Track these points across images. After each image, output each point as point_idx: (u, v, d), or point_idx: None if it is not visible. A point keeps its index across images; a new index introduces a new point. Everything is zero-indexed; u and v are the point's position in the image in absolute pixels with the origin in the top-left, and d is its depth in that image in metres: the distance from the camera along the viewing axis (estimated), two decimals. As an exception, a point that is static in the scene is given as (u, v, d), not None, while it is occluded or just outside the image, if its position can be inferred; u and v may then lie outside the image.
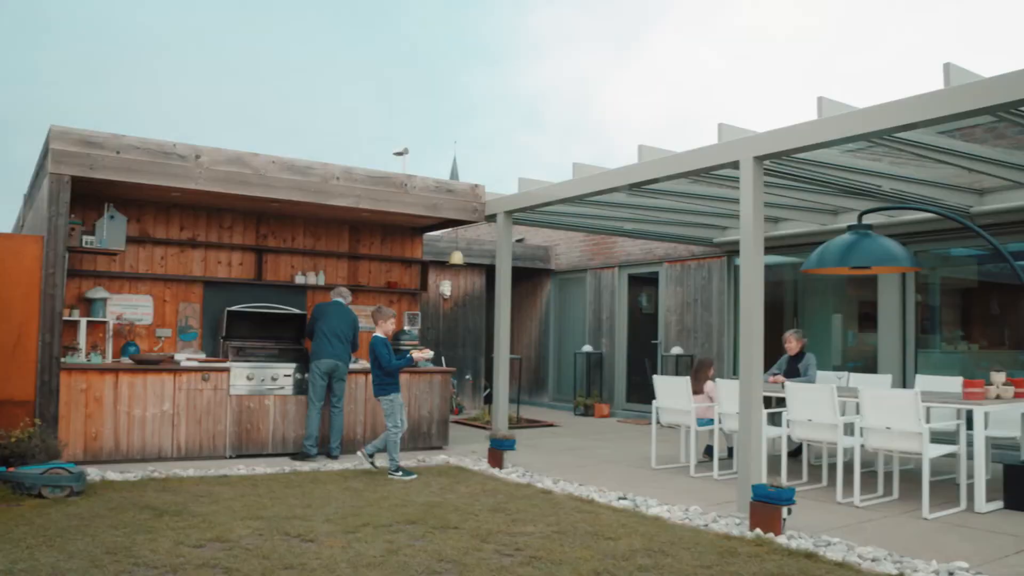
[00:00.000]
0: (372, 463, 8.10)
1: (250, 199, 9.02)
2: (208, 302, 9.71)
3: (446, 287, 14.81)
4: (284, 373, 9.06)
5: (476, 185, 10.19)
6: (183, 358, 8.86)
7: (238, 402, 8.76)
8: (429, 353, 8.55)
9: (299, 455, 8.76)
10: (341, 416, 9.04)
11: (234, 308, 9.57)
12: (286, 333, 9.92)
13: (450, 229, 15.56)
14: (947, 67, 5.54)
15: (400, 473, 7.81)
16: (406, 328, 10.69)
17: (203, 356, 9.24)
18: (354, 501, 6.51)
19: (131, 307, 9.29)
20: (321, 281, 10.35)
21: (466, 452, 9.52)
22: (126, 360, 8.67)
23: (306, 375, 9.07)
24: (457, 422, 12.81)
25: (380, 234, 10.99)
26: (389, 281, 10.94)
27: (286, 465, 8.32)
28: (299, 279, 10.25)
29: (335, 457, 8.89)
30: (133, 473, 7.50)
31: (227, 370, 8.74)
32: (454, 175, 34.53)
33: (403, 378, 9.71)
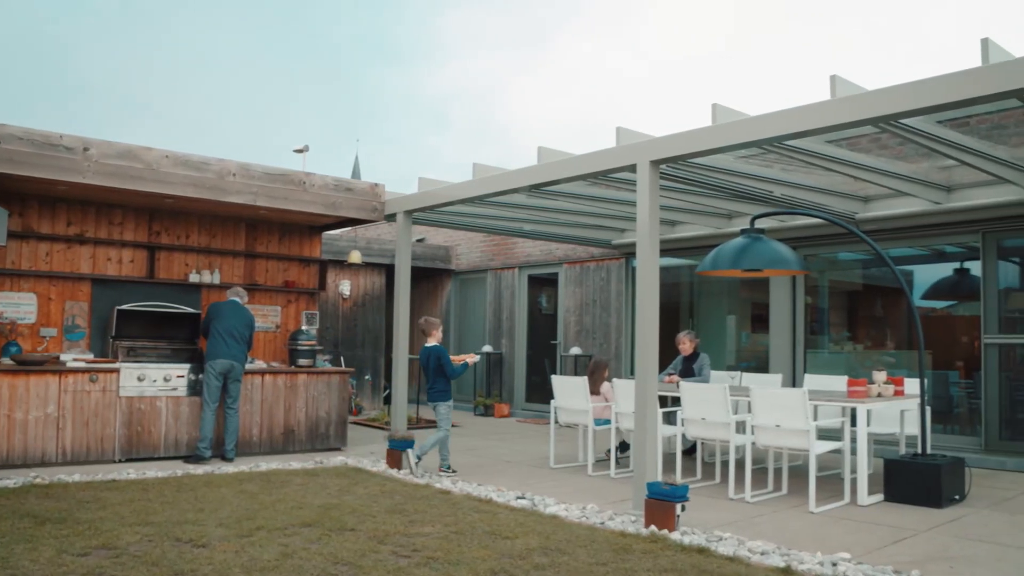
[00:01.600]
0: (415, 466, 8.13)
1: (142, 194, 8.74)
2: (97, 301, 9.38)
3: (345, 287, 14.65)
4: (177, 374, 8.82)
5: (376, 184, 10.11)
6: (69, 358, 8.54)
7: (128, 404, 8.48)
8: (476, 357, 9.11)
9: (192, 458, 8.55)
10: (236, 418, 8.85)
11: (124, 307, 9.27)
12: (180, 333, 9.66)
13: (350, 228, 15.44)
14: (833, 79, 5.76)
15: (449, 470, 8.25)
16: (303, 328, 10.53)
17: (91, 356, 8.92)
18: (248, 504, 6.39)
19: (13, 305, 8.90)
20: (216, 280, 10.11)
21: (365, 453, 9.44)
22: (7, 361, 8.29)
23: (200, 376, 8.85)
24: (356, 423, 12.69)
25: (278, 232, 10.80)
26: (287, 280, 10.77)
27: (179, 468, 8.10)
28: (193, 277, 9.99)
29: (230, 460, 8.70)
30: (13, 479, 7.18)
31: (116, 371, 8.46)
32: (356, 174, 34.21)
33: (300, 378, 9.60)
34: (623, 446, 8.87)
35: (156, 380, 8.68)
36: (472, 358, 8.93)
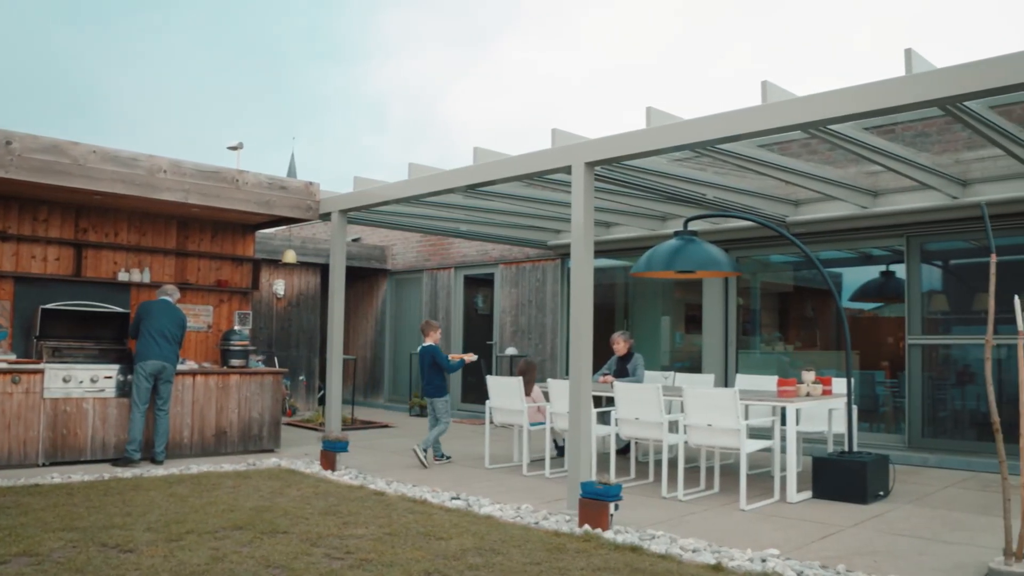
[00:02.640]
0: (424, 458, 8.69)
1: (68, 190, 8.52)
2: (20, 299, 9.10)
3: (280, 286, 14.48)
4: (105, 375, 8.62)
5: (311, 183, 10.02)
6: (-9, 359, 8.29)
7: (53, 406, 8.27)
8: (473, 356, 9.73)
9: (121, 460, 8.37)
10: (167, 419, 8.69)
11: (49, 306, 9.02)
12: (108, 333, 9.43)
13: (284, 227, 15.25)
14: (764, 85, 5.86)
15: (444, 458, 9.03)
16: (236, 328, 10.38)
17: (13, 357, 8.66)
18: (178, 508, 6.27)
19: (-68, 304, 8.62)
20: (147, 278, 9.91)
21: (298, 454, 9.34)
22: (-75, 362, 8.03)
23: (129, 377, 8.66)
24: (290, 424, 12.55)
25: (210, 231, 10.62)
26: (219, 279, 10.60)
27: (106, 472, 7.92)
28: (123, 276, 9.77)
29: (160, 462, 8.54)
30: (-68, 483, 6.96)
31: (41, 372, 8.23)
32: (292, 172, 33.80)
33: (232, 379, 9.46)
34: (554, 445, 8.94)
35: (83, 381, 8.47)
36: (470, 357, 9.58)
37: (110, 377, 8.66)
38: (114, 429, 8.61)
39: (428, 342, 9.30)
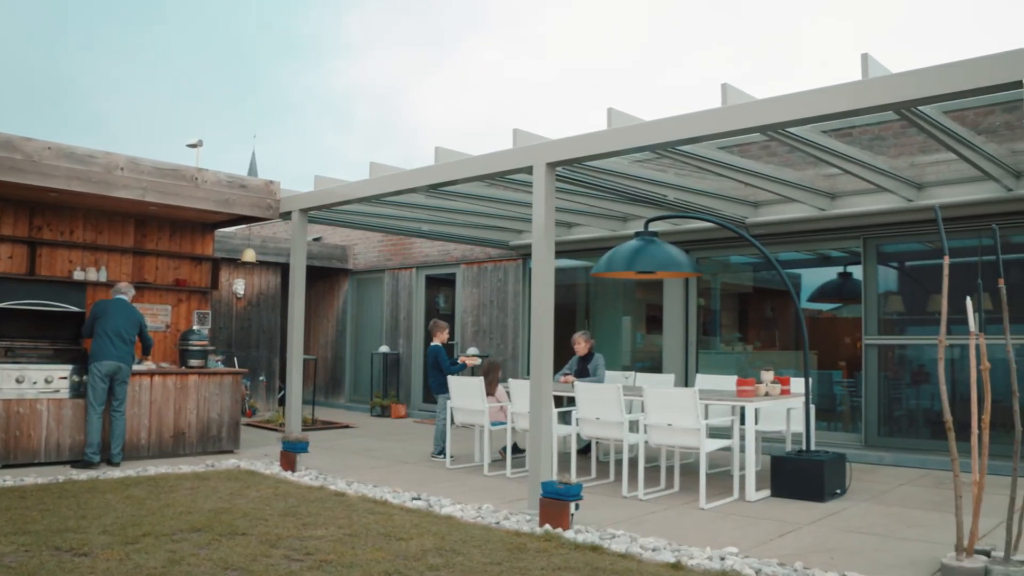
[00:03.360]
0: (443, 455, 9.05)
1: (22, 187, 8.37)
2: (-28, 299, 8.94)
3: (239, 286, 14.34)
4: (60, 375, 8.49)
5: (271, 182, 9.93)
6: (-58, 360, 8.13)
7: (5, 407, 8.11)
8: (477, 360, 10.15)
9: (80, 463, 8.24)
10: (123, 421, 8.57)
11: (2, 305, 8.86)
12: (63, 332, 9.29)
13: (244, 226, 15.11)
14: (724, 87, 5.91)
15: (443, 456, 9.11)
16: (195, 328, 10.26)
17: (-35, 357, 8.51)
18: (135, 510, 6.19)
19: None
20: (103, 277, 9.76)
21: (258, 455, 9.26)
22: None
23: (85, 377, 8.53)
24: (250, 424, 12.44)
25: (169, 229, 10.49)
26: (178, 279, 10.48)
27: (60, 474, 7.79)
28: (78, 275, 9.62)
29: (116, 464, 8.42)
30: None
31: (-7, 373, 8.09)
32: (253, 171, 33.50)
33: (191, 379, 9.36)
34: (515, 448, 8.94)
35: (36, 382, 8.33)
36: (472, 361, 10.04)
37: (65, 378, 8.53)
38: (69, 431, 8.48)
39: (435, 342, 9.83)
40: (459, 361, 9.94)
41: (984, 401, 4.63)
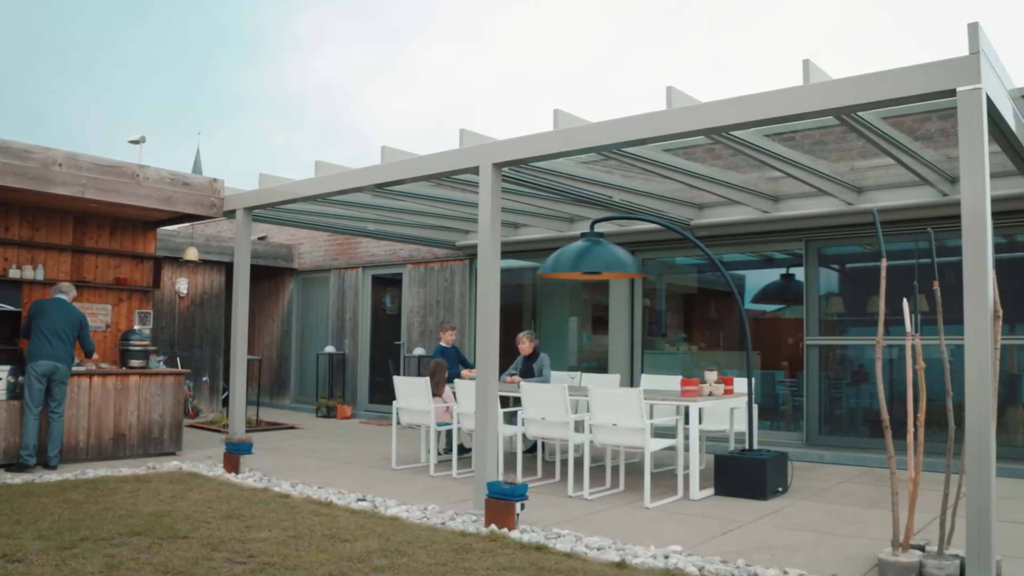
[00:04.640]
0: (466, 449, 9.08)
1: (-44, 185, 8.17)
2: (-98, 298, 8.69)
3: (182, 285, 14.13)
4: (-6, 376, 8.28)
5: (215, 179, 9.80)
6: None
7: (-63, 409, 7.90)
8: (472, 373, 9.47)
9: (15, 466, 8.04)
10: (61, 422, 8.39)
11: (-66, 305, 8.63)
12: (-3, 333, 9.07)
13: (187, 224, 14.89)
14: (669, 90, 5.98)
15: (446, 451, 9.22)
16: (136, 328, 10.08)
17: None
18: (72, 514, 6.06)
19: None
20: (40, 276, 9.55)
21: (201, 457, 9.13)
22: None
23: (21, 378, 8.33)
24: (193, 426, 12.26)
25: (109, 227, 10.29)
26: (118, 277, 10.29)
27: (-6, 477, 7.62)
28: (14, 273, 9.39)
29: (53, 467, 8.23)
30: None
31: (-76, 374, 7.87)
32: (197, 169, 32.96)
33: (132, 380, 9.19)
34: (460, 448, 8.94)
35: (-30, 383, 8.12)
36: (469, 374, 9.67)
37: (0, 378, 8.32)
38: (4, 432, 8.27)
39: (442, 343, 10.26)
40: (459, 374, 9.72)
41: (920, 400, 4.74)
